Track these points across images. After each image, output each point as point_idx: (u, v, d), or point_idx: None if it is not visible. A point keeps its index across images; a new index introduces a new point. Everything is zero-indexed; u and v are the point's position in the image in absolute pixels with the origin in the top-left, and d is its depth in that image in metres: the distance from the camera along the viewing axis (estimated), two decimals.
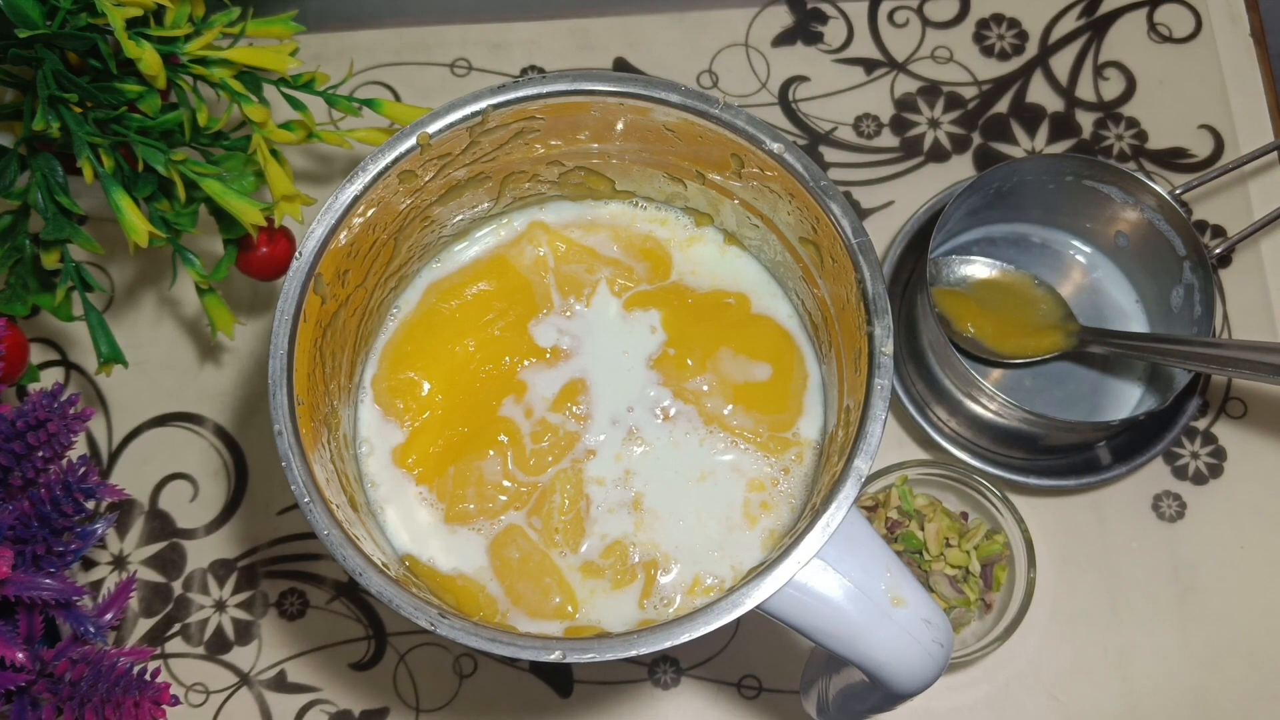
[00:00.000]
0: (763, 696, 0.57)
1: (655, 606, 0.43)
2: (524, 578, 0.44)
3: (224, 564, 0.60)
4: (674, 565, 0.44)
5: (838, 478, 0.37)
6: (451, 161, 0.44)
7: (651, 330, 0.48)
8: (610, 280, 0.48)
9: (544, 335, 0.48)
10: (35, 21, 0.45)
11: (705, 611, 0.35)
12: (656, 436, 0.46)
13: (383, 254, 0.45)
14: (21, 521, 0.42)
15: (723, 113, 0.42)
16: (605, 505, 0.45)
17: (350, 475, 0.44)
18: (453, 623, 0.36)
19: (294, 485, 0.38)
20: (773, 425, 0.46)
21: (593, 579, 0.44)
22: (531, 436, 0.46)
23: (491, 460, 0.45)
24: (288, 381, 0.39)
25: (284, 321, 0.40)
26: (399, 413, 0.46)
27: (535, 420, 0.46)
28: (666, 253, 0.49)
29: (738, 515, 0.45)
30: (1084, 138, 0.66)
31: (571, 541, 0.44)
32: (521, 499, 0.45)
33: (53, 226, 0.50)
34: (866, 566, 0.37)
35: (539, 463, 0.45)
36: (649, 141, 0.45)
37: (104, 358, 0.53)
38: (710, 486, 0.45)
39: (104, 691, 0.41)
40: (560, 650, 0.35)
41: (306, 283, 0.41)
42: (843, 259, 0.41)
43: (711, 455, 0.46)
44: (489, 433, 0.46)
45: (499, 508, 0.45)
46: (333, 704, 0.58)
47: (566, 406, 0.46)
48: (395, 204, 0.44)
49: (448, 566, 0.44)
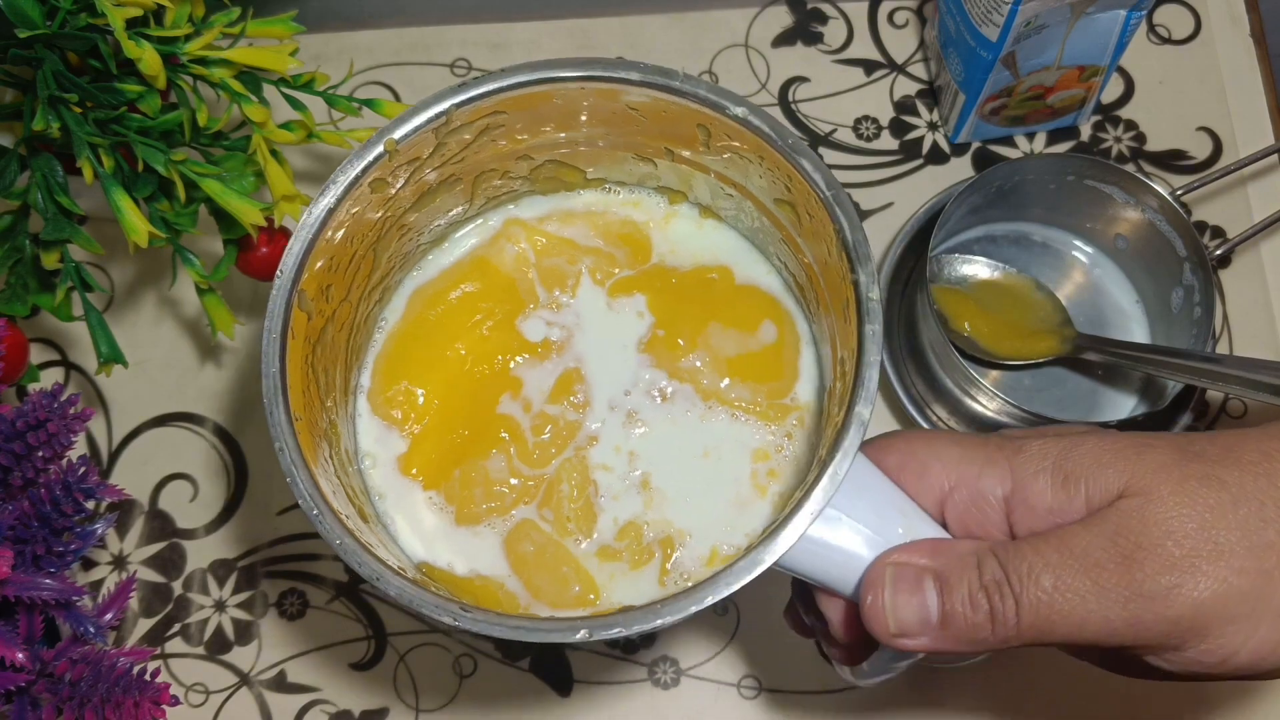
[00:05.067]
0: (763, 696, 0.57)
1: (675, 582, 0.44)
2: (541, 570, 0.44)
3: (224, 564, 0.60)
4: (689, 540, 0.44)
5: (840, 427, 0.37)
6: (421, 166, 0.44)
7: (639, 315, 0.48)
8: (592, 269, 0.49)
9: (533, 330, 0.48)
10: (35, 21, 0.45)
11: (725, 573, 0.35)
12: (656, 417, 0.46)
13: (363, 266, 0.45)
14: (21, 521, 0.42)
15: (683, 84, 0.42)
16: (613, 489, 0.45)
17: (356, 488, 0.44)
18: (476, 615, 0.36)
19: (301, 499, 0.38)
20: (770, 393, 0.46)
21: (610, 562, 0.44)
22: (532, 430, 0.46)
23: (495, 458, 0.45)
24: (283, 398, 0.39)
25: (272, 340, 0.40)
26: (398, 422, 0.46)
27: (534, 414, 0.46)
28: (645, 235, 0.49)
29: (746, 487, 0.45)
30: (1083, 140, 0.66)
31: (584, 528, 0.44)
32: (530, 492, 0.45)
33: (53, 226, 0.50)
34: (880, 511, 0.37)
35: (543, 455, 0.45)
36: (615, 125, 0.45)
37: (104, 358, 0.53)
38: (715, 461, 0.45)
39: (104, 691, 0.41)
40: (586, 629, 0.35)
41: (290, 299, 0.41)
42: (819, 213, 0.41)
43: (712, 430, 0.46)
44: (490, 431, 0.46)
45: (508, 503, 0.45)
46: (333, 704, 0.58)
47: (564, 397, 0.46)
48: (369, 214, 0.44)
49: (464, 569, 0.44)
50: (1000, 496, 0.36)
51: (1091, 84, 0.62)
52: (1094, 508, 0.34)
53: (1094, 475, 0.34)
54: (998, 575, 0.34)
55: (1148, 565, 0.32)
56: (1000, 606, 0.34)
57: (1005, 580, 0.34)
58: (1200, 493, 0.33)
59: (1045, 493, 0.35)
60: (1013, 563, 0.34)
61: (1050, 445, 0.36)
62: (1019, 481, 0.36)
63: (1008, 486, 0.36)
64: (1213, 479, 0.33)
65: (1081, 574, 0.33)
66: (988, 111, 0.63)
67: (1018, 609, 0.33)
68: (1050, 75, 0.60)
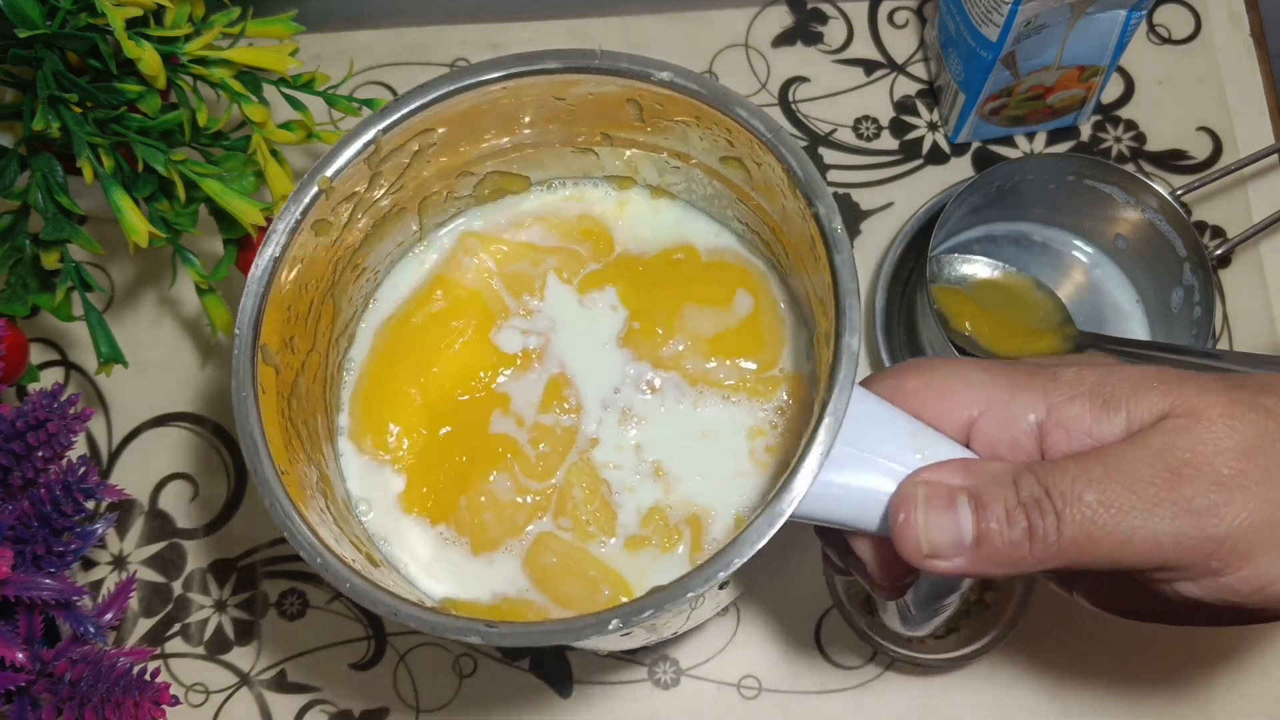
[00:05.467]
0: (763, 696, 0.57)
1: (706, 551, 0.43)
2: (568, 579, 0.43)
3: (224, 564, 0.60)
4: (714, 514, 0.44)
5: (833, 362, 0.36)
6: (360, 201, 0.43)
7: (612, 309, 0.47)
8: (558, 269, 0.48)
9: (509, 341, 0.47)
10: (35, 21, 0.45)
11: (747, 533, 0.34)
12: (650, 410, 0.46)
13: (324, 314, 0.44)
14: (21, 521, 0.42)
15: (603, 61, 0.42)
16: (627, 483, 0.45)
17: (360, 537, 0.43)
18: (502, 630, 0.35)
19: (303, 551, 0.37)
20: (759, 366, 0.46)
21: (640, 550, 0.44)
22: (531, 442, 0.45)
23: (499, 479, 0.45)
24: (266, 454, 0.39)
25: (243, 399, 0.39)
26: (389, 462, 0.46)
27: (529, 426, 0.46)
28: (603, 226, 0.49)
29: (745, 463, 0.45)
30: (1083, 140, 0.66)
31: (606, 527, 0.44)
32: (542, 506, 0.45)
33: (53, 226, 0.50)
34: (892, 438, 0.35)
35: (547, 466, 0.45)
36: (549, 121, 0.45)
37: (104, 358, 0.53)
38: (714, 443, 0.45)
39: (104, 692, 0.41)
40: (617, 618, 0.34)
41: (254, 355, 0.40)
42: (766, 159, 0.40)
43: (707, 414, 0.45)
44: (487, 453, 0.45)
45: (522, 521, 0.44)
46: (333, 704, 0.58)
47: (555, 404, 0.46)
48: (319, 258, 0.43)
49: (488, 596, 0.44)
50: (1033, 422, 0.35)
51: (1091, 84, 0.62)
52: (1135, 430, 0.33)
53: (1136, 398, 0.33)
54: (1036, 492, 0.33)
55: (1196, 482, 0.31)
56: (1040, 523, 0.32)
57: (1045, 496, 0.32)
58: (1249, 417, 0.32)
59: (1084, 416, 0.34)
60: (1053, 479, 0.33)
61: (1086, 371, 0.34)
62: (1054, 406, 0.34)
63: (1041, 412, 0.34)
64: (1260, 407, 0.32)
65: (1127, 489, 0.32)
66: (988, 111, 0.63)
67: (1059, 525, 0.32)
68: (1050, 75, 0.60)
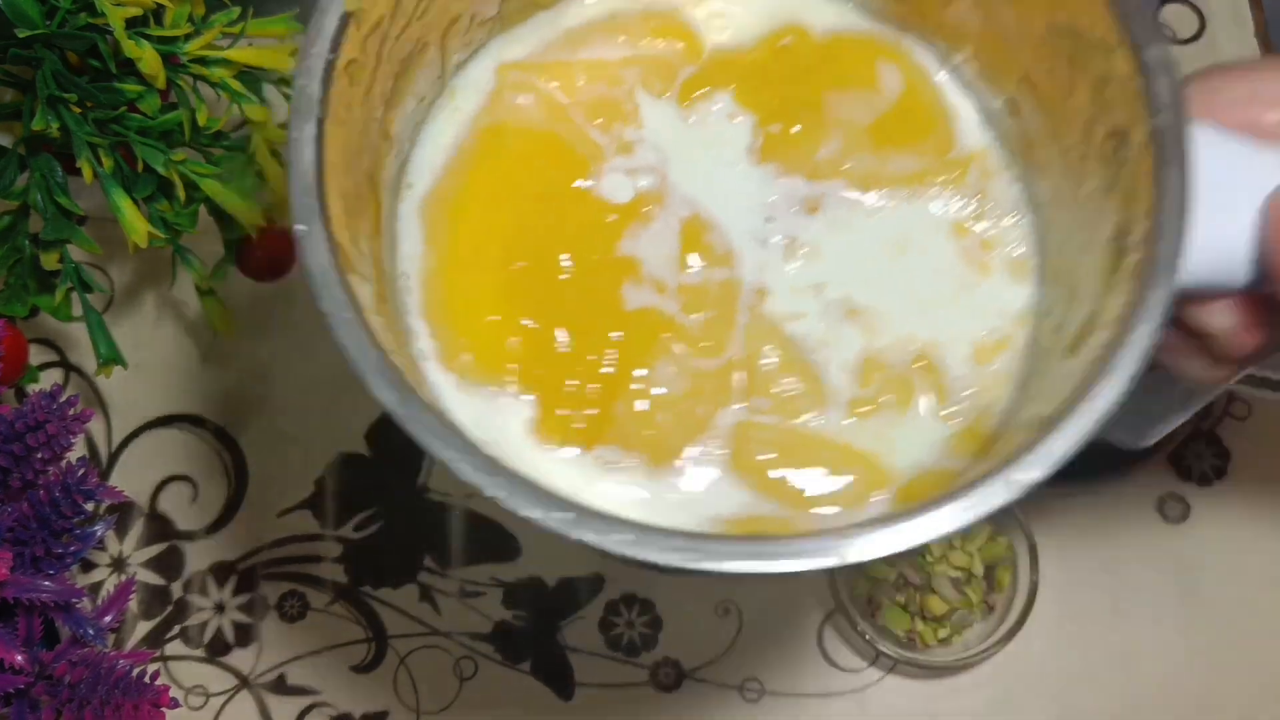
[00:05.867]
0: (765, 699, 0.57)
1: (958, 406, 0.34)
2: (800, 472, 0.34)
3: (224, 566, 0.60)
4: (943, 347, 0.35)
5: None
6: (386, 37, 0.34)
7: (730, 118, 0.38)
8: (645, 82, 0.38)
9: (615, 189, 0.37)
10: (35, 21, 0.45)
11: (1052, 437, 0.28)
12: (819, 235, 0.36)
13: (370, 205, 0.35)
14: (20, 523, 0.42)
15: None
16: (818, 334, 0.35)
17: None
18: (727, 546, 0.27)
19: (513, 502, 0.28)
20: (935, 149, 0.37)
21: (872, 416, 0.34)
22: (683, 310, 0.35)
23: (662, 367, 0.35)
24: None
25: (343, 320, 0.29)
26: (504, 387, 0.35)
27: (673, 291, 0.35)
28: (680, 21, 0.38)
29: (962, 270, 0.36)
30: None
31: (815, 395, 0.34)
32: (724, 390, 0.35)
33: (52, 226, 0.49)
34: (1236, 165, 0.29)
35: (716, 337, 0.35)
36: None
37: (103, 359, 0.52)
38: (912, 256, 0.36)
39: (103, 694, 0.41)
40: (851, 543, 0.27)
41: (330, 241, 0.30)
42: None
43: (892, 221, 0.36)
44: (632, 339, 0.35)
45: (707, 415, 0.34)
46: (333, 707, 0.57)
47: (697, 256, 0.36)
48: (355, 120, 0.34)
49: (702, 524, 0.33)
50: None
51: None
52: None
53: None
54: None
55: None
56: None
57: None
58: None
59: None
60: None
61: None
62: None
63: None
64: None
65: None
66: None
67: None
68: None
